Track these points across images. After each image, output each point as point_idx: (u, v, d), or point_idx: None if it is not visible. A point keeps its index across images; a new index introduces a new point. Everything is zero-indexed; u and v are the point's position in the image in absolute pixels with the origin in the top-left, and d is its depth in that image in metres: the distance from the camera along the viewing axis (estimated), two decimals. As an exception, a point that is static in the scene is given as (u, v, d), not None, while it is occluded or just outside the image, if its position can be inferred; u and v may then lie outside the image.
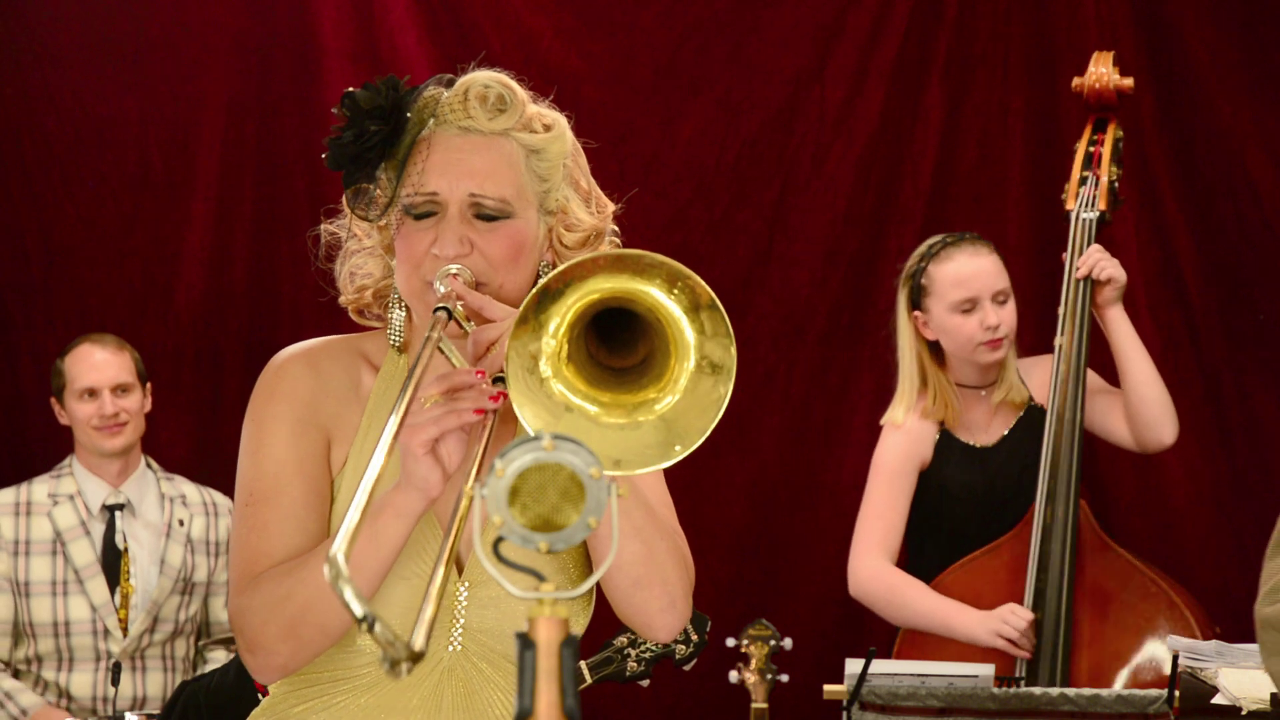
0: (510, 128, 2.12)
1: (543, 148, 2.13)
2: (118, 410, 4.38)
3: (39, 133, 4.87)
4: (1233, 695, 3.00)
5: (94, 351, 4.41)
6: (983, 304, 3.92)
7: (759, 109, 4.86)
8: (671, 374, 1.88)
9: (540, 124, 2.15)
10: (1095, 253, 3.91)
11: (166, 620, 4.37)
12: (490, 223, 2.10)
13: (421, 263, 2.10)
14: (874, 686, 3.26)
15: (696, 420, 1.85)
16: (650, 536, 2.07)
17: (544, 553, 1.49)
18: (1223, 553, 4.75)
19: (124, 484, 4.43)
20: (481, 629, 2.12)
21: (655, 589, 2.08)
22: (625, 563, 2.06)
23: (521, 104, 2.13)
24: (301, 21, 4.86)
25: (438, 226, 2.10)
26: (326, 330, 5.28)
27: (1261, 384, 4.79)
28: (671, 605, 2.10)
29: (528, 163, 2.13)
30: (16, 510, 4.37)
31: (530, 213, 2.13)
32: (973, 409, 4.02)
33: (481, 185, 2.10)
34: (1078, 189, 3.99)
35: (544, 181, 2.14)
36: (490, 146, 2.11)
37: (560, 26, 4.86)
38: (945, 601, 3.81)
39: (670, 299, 1.85)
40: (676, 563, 2.10)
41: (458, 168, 2.10)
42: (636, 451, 1.86)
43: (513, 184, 2.11)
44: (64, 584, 4.32)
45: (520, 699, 1.39)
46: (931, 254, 3.97)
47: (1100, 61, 4.05)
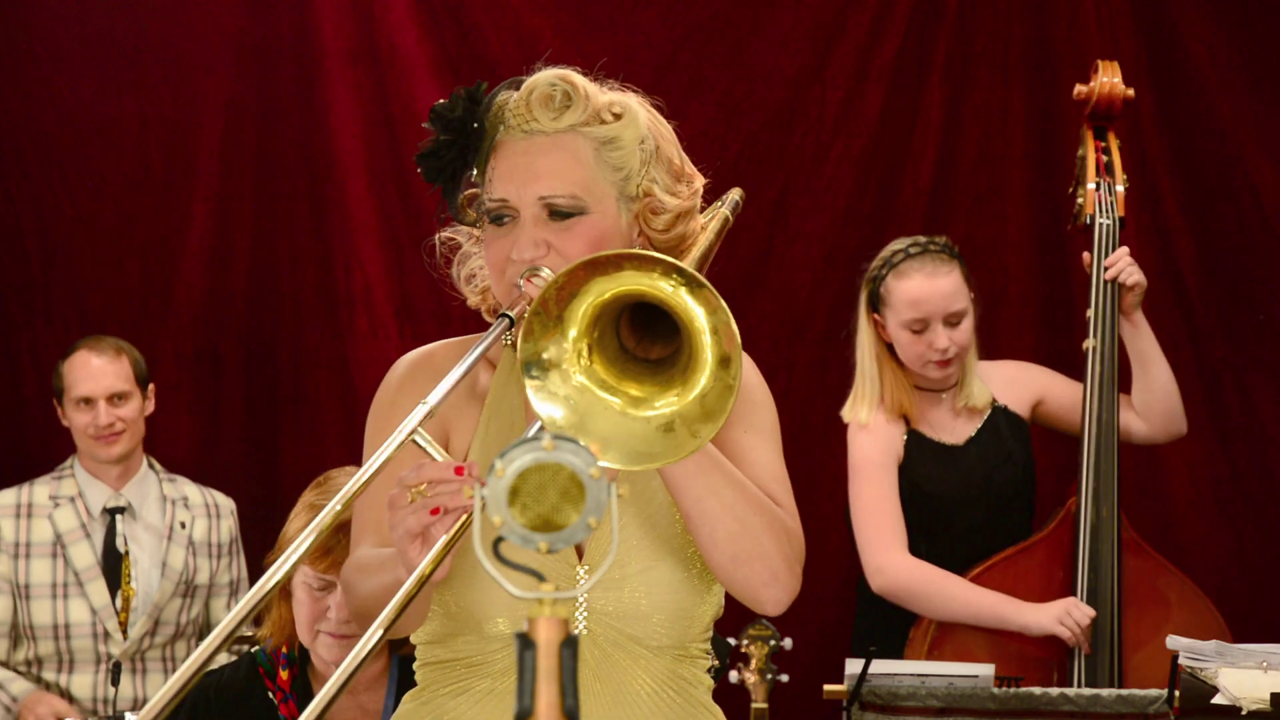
0: (576, 124, 2.14)
1: (615, 136, 2.16)
2: (113, 420, 4.36)
3: (39, 133, 4.87)
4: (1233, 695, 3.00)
5: (90, 359, 4.38)
6: (933, 326, 3.91)
7: (759, 109, 4.86)
8: (696, 365, 1.91)
9: (610, 113, 2.16)
10: (1124, 256, 3.91)
11: (168, 623, 4.37)
12: (565, 220, 2.12)
13: (505, 268, 2.13)
14: (874, 686, 3.26)
15: (714, 410, 1.89)
16: (743, 513, 2.09)
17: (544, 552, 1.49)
18: (1223, 553, 4.75)
19: (125, 487, 4.42)
20: (605, 611, 2.15)
21: (755, 564, 2.11)
22: (719, 540, 2.09)
23: (585, 98, 2.15)
24: (301, 21, 4.87)
25: (515, 231, 2.13)
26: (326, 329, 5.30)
27: (1261, 384, 4.80)
28: (775, 579, 2.12)
29: (599, 155, 2.14)
30: (17, 512, 4.36)
31: (607, 204, 2.15)
32: (934, 410, 4.02)
33: (550, 186, 2.12)
34: (1094, 196, 3.99)
35: (619, 170, 2.16)
36: (556, 146, 2.13)
37: (560, 26, 4.86)
38: (993, 593, 3.81)
39: (680, 290, 1.88)
40: (776, 536, 2.12)
41: (524, 172, 2.13)
42: (655, 443, 1.90)
43: (582, 179, 2.13)
44: (64, 586, 4.32)
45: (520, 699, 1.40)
46: (892, 264, 3.96)
47: (1107, 70, 4.05)
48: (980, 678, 3.31)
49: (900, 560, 3.88)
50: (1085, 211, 4.00)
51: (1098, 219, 3.98)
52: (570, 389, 1.91)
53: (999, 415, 4.03)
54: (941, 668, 3.37)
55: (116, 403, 4.37)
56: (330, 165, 4.87)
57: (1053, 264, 4.83)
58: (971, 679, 3.30)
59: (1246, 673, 3.04)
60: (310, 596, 2.99)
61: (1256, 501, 4.80)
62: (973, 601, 3.81)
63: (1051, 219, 4.85)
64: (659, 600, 2.16)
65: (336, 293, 4.88)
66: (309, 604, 3.00)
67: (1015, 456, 4.02)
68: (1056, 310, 4.81)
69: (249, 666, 3.12)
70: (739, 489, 2.10)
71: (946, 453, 3.99)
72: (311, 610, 2.99)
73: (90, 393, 4.35)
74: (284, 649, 3.09)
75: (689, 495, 2.08)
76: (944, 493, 3.97)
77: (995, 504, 3.98)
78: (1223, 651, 3.09)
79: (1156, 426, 4.01)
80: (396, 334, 4.85)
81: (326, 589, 2.98)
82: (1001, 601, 3.80)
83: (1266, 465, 4.79)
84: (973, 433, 4.01)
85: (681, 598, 2.17)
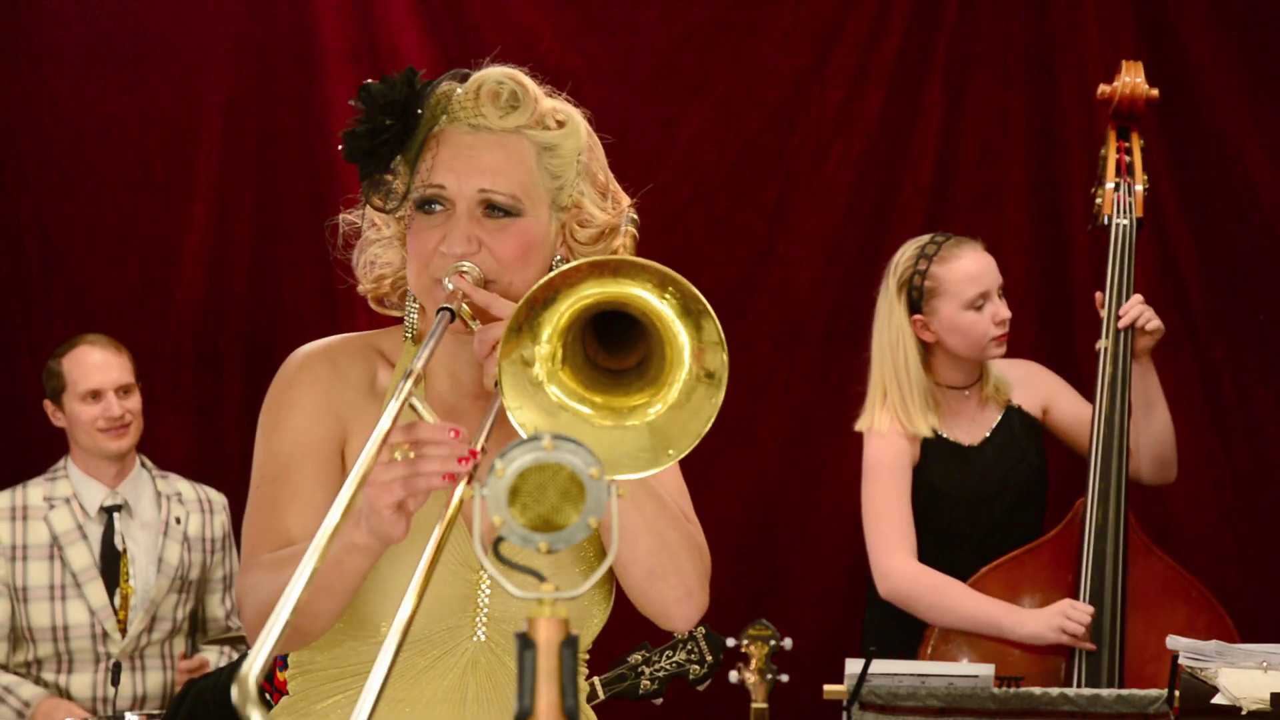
0: (522, 125, 2.12)
1: (556, 144, 2.13)
2: (124, 412, 4.36)
3: (39, 133, 4.87)
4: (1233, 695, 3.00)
5: (93, 353, 4.39)
6: (993, 298, 3.95)
7: (759, 109, 4.86)
8: (667, 377, 1.88)
9: (554, 120, 2.14)
10: (1137, 304, 3.90)
11: (164, 619, 4.37)
12: (499, 220, 2.10)
13: (430, 260, 2.10)
14: (874, 686, 3.26)
15: (689, 425, 1.86)
16: (663, 528, 2.08)
17: (544, 553, 1.49)
18: (1223, 553, 4.75)
19: (120, 485, 4.42)
20: (506, 618, 2.13)
21: (670, 580, 2.09)
22: (639, 555, 2.07)
23: (534, 101, 2.13)
24: (301, 21, 4.86)
25: (446, 224, 2.10)
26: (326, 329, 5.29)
27: (1261, 384, 4.80)
28: (688, 595, 2.11)
29: (540, 160, 2.12)
30: (13, 515, 4.35)
31: (541, 210, 2.12)
32: (958, 408, 4.03)
33: (492, 181, 2.09)
34: (1112, 196, 3.99)
35: (556, 179, 2.13)
36: (501, 144, 2.11)
37: (560, 26, 4.86)
38: (993, 602, 3.81)
39: (662, 303, 1.85)
40: (691, 553, 2.11)
41: (467, 164, 2.10)
42: (629, 454, 1.86)
43: (523, 181, 2.11)
44: (62, 588, 4.31)
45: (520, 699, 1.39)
46: (928, 256, 3.97)
47: (1130, 70, 4.04)
48: (980, 678, 3.31)
49: (904, 566, 3.88)
50: (1103, 211, 3.99)
51: (1115, 219, 3.97)
52: (541, 398, 1.87)
53: (1013, 415, 4.04)
54: (941, 668, 3.37)
55: (124, 395, 4.38)
56: (330, 165, 4.87)
57: (1053, 264, 4.83)
58: (971, 679, 3.30)
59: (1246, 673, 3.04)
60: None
61: (1256, 501, 4.80)
62: (969, 611, 3.81)
63: (1052, 219, 4.85)
64: None
65: (336, 293, 4.88)
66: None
67: (1029, 456, 4.02)
68: (1056, 310, 4.81)
69: None
70: (660, 504, 2.09)
71: (963, 453, 4.00)
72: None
73: (99, 385, 4.35)
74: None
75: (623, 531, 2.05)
76: (960, 493, 3.97)
77: (1010, 504, 3.98)
78: (1223, 651, 3.09)
79: (1145, 468, 4.00)
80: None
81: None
82: (1000, 611, 3.80)
83: (1266, 465, 4.79)
84: (988, 433, 4.02)
85: (579, 606, 2.14)
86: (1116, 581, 3.77)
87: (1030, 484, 4.02)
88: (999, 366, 4.07)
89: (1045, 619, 3.76)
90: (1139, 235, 3.97)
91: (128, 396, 4.39)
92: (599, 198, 2.18)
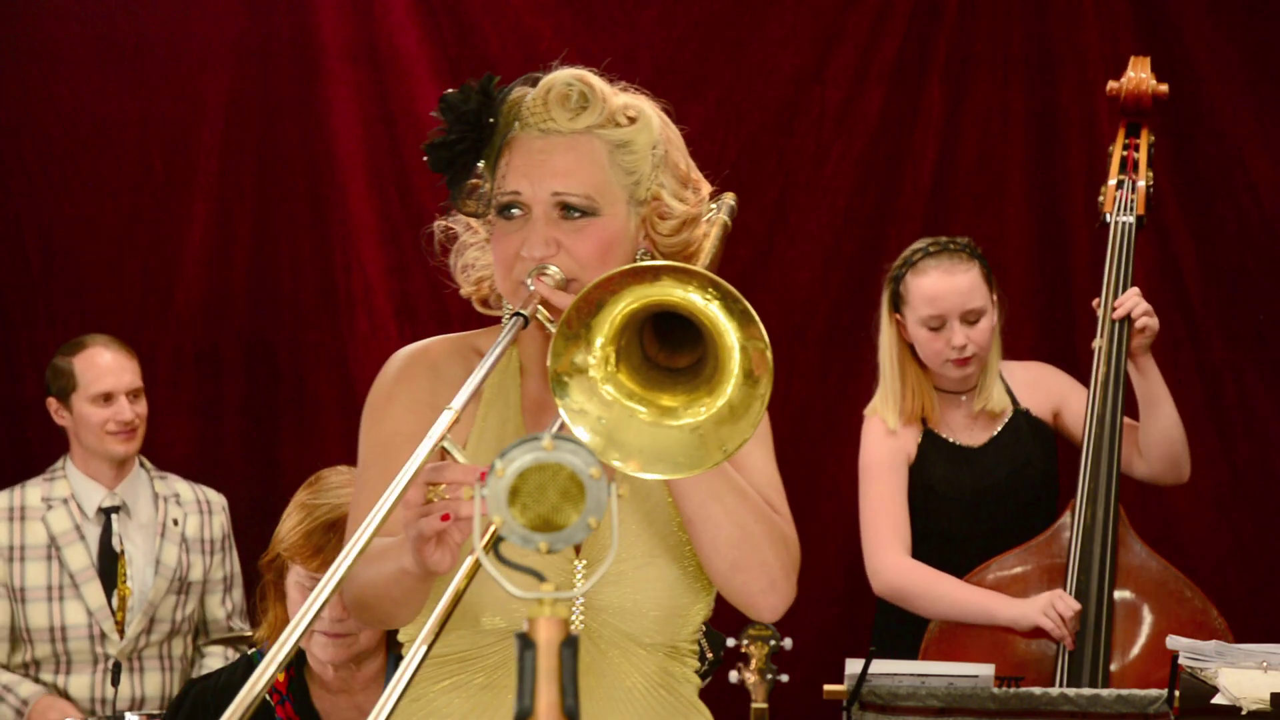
0: (592, 125, 2.14)
1: (628, 140, 2.16)
2: (134, 416, 4.36)
3: (39, 133, 4.87)
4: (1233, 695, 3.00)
5: (105, 354, 4.38)
6: (950, 324, 3.91)
7: (759, 109, 4.86)
8: (720, 375, 1.92)
9: (625, 116, 2.17)
10: (1134, 296, 3.88)
11: (163, 620, 4.37)
12: (576, 221, 2.12)
13: (513, 264, 2.14)
14: (874, 686, 3.26)
15: (739, 423, 1.90)
16: (744, 519, 2.10)
17: (544, 553, 1.49)
18: (1223, 553, 4.75)
19: (119, 486, 4.41)
20: (601, 607, 2.16)
21: (754, 571, 2.12)
22: (721, 547, 2.10)
23: (602, 100, 2.15)
24: (301, 21, 4.86)
25: (525, 228, 2.13)
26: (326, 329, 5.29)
27: (1261, 384, 4.80)
28: (772, 587, 2.13)
29: (613, 158, 2.15)
30: (10, 515, 4.35)
31: (618, 207, 2.15)
32: (953, 412, 4.02)
33: (565, 183, 2.12)
34: (1114, 193, 3.97)
35: (631, 174, 2.16)
36: (572, 146, 2.14)
37: (560, 26, 4.86)
38: (982, 591, 3.81)
39: (709, 304, 1.89)
40: (775, 544, 2.13)
41: (540, 169, 2.13)
42: (684, 452, 1.90)
43: (596, 181, 2.13)
44: (59, 589, 4.31)
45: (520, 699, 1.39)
46: (911, 262, 3.97)
47: (1137, 66, 4.03)
48: (980, 678, 3.31)
49: (895, 561, 3.88)
50: (1104, 209, 3.98)
51: (1116, 217, 3.96)
52: (597, 401, 1.91)
53: (1020, 419, 4.01)
54: (941, 668, 3.37)
55: (135, 399, 4.37)
56: (330, 165, 4.87)
57: (1053, 264, 4.83)
58: (971, 679, 3.30)
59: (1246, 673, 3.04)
60: (304, 596, 2.99)
61: (1256, 501, 4.80)
62: (961, 600, 3.82)
63: (1052, 219, 4.84)
64: (654, 597, 2.17)
65: (336, 293, 4.88)
66: (303, 604, 2.99)
67: (1035, 461, 4.00)
68: (1056, 310, 4.81)
69: (245, 669, 3.12)
70: (741, 496, 2.11)
71: (963, 455, 3.99)
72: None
73: (112, 388, 4.35)
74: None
75: (693, 500, 2.09)
76: (958, 495, 3.97)
77: (1016, 507, 3.97)
78: (1223, 651, 3.09)
79: (1156, 468, 3.98)
80: (396, 334, 4.85)
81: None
82: (989, 598, 3.80)
83: (1266, 465, 4.79)
84: (992, 436, 4.01)
85: (676, 595, 2.18)
86: (1104, 581, 3.77)
87: (1036, 488, 4.01)
88: (1007, 368, 4.06)
89: (1033, 604, 3.75)
90: (1140, 234, 3.96)
91: (138, 400, 4.39)
92: (679, 188, 2.22)
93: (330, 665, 3.04)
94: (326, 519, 3.00)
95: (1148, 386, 3.93)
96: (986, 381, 3.99)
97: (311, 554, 2.97)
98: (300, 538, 3.00)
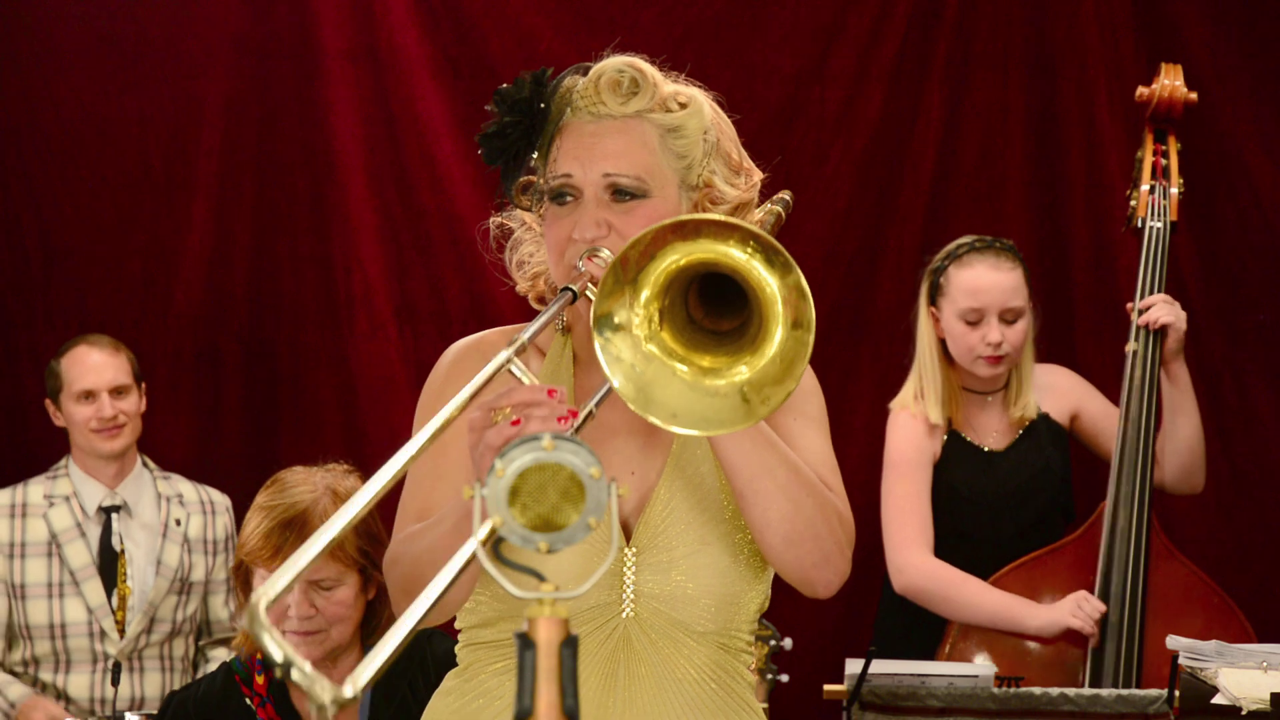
0: (643, 109, 2.18)
1: (679, 125, 2.19)
2: (116, 413, 4.36)
3: (39, 133, 4.87)
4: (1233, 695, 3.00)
5: (90, 353, 4.39)
6: (989, 319, 3.91)
7: (759, 109, 4.86)
8: (763, 334, 1.93)
9: (676, 102, 2.20)
10: (1160, 302, 3.89)
11: (164, 621, 4.37)
12: (627, 203, 2.15)
13: (566, 248, 2.16)
14: (874, 686, 3.26)
15: (783, 379, 1.91)
16: (796, 494, 2.11)
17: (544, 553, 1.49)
18: (1223, 553, 4.75)
19: (120, 485, 4.42)
20: (651, 594, 2.17)
21: (806, 545, 2.12)
22: (772, 521, 2.10)
23: (653, 85, 2.18)
24: (301, 21, 4.86)
25: (577, 212, 2.15)
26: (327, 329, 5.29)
27: (1261, 384, 4.79)
28: (826, 560, 2.14)
29: (664, 142, 2.18)
30: (12, 512, 4.36)
31: (669, 190, 2.18)
32: (978, 414, 4.02)
33: (615, 165, 2.15)
34: (1147, 199, 3.98)
35: (682, 159, 2.19)
36: (623, 129, 2.17)
37: (560, 26, 4.86)
38: (1009, 597, 3.81)
39: (750, 258, 1.90)
40: (829, 519, 2.14)
41: (591, 151, 2.15)
42: (726, 411, 1.91)
43: (648, 163, 2.16)
44: (60, 586, 4.31)
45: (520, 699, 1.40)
46: (956, 255, 3.97)
47: (1169, 74, 4.04)
48: (980, 678, 3.31)
49: (920, 561, 3.88)
50: (1137, 214, 3.99)
51: (1149, 222, 3.97)
52: (639, 355, 1.92)
53: (1040, 423, 4.01)
54: (941, 668, 3.37)
55: (118, 396, 4.38)
56: (330, 165, 4.87)
57: (1053, 264, 4.83)
58: (971, 679, 3.30)
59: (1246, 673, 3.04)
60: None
61: (1256, 501, 4.80)
62: (987, 605, 3.81)
63: (1052, 219, 4.84)
64: (706, 584, 2.18)
65: (336, 293, 4.88)
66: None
67: (1054, 464, 4.00)
68: (1057, 310, 4.80)
69: (225, 676, 3.11)
70: (793, 470, 2.12)
71: (985, 458, 3.99)
72: (273, 612, 2.98)
73: (93, 385, 4.36)
74: (258, 655, 3.08)
75: (743, 474, 2.10)
76: (980, 498, 3.96)
77: (1036, 511, 3.97)
78: (1223, 651, 3.09)
79: (1170, 476, 3.99)
80: (396, 334, 4.85)
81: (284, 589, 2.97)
82: (1015, 605, 3.79)
83: (1266, 465, 4.79)
84: (1014, 439, 4.00)
85: (729, 583, 2.19)
86: (1136, 585, 3.76)
87: (1055, 492, 4.00)
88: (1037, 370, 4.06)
89: (1060, 607, 3.75)
90: (1173, 239, 3.97)
91: (122, 397, 4.38)
92: (731, 175, 2.25)
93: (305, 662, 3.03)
94: (283, 518, 2.98)
95: (1176, 393, 3.92)
96: (1022, 388, 3.99)
97: (272, 554, 2.96)
98: (259, 540, 2.98)
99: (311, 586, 2.96)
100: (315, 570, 2.94)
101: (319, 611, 2.96)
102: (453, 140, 4.79)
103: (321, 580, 2.98)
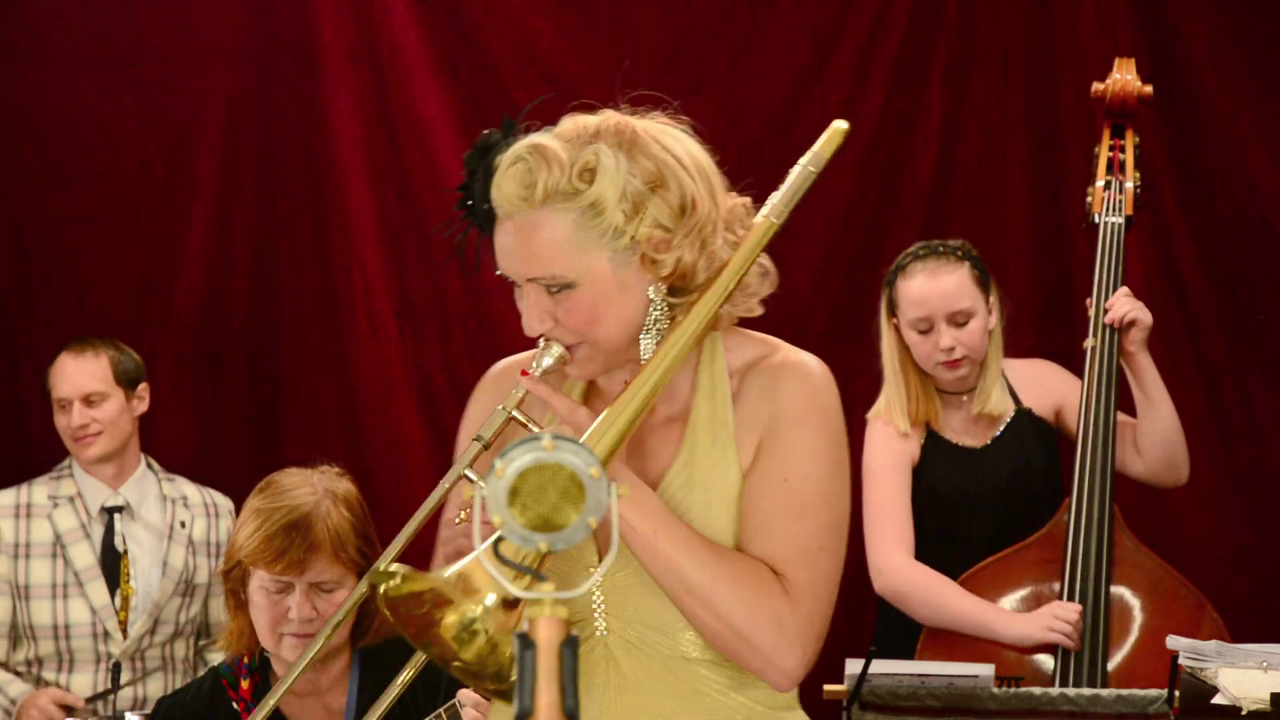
0: (549, 195, 2.09)
1: (592, 202, 2.09)
2: (87, 421, 4.35)
3: (39, 133, 4.87)
4: (1233, 695, 3.00)
5: (67, 362, 4.38)
6: (937, 326, 3.91)
7: (759, 109, 4.86)
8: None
9: (580, 179, 2.10)
10: (1123, 297, 3.88)
11: (167, 622, 4.37)
12: (559, 295, 2.12)
13: (532, 328, 2.16)
14: (874, 686, 3.26)
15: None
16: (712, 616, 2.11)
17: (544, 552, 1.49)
18: (1223, 553, 4.75)
19: (122, 486, 4.41)
20: (624, 611, 2.17)
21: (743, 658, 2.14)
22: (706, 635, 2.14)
23: (556, 165, 2.09)
24: (301, 21, 4.86)
25: (525, 300, 2.16)
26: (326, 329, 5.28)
27: (1261, 384, 4.79)
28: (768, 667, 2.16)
29: (580, 224, 2.09)
30: (16, 513, 4.36)
31: (598, 268, 2.11)
32: (955, 414, 4.02)
33: (532, 268, 2.11)
34: (1102, 194, 3.98)
35: (604, 234, 2.10)
36: (535, 226, 2.10)
37: (560, 26, 4.86)
38: (985, 604, 3.81)
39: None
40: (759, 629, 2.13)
41: (511, 255, 2.13)
42: None
43: (564, 256, 2.10)
44: (64, 587, 4.31)
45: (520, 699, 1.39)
46: (901, 266, 3.98)
47: (1122, 68, 4.04)
48: (980, 678, 3.31)
49: (899, 563, 3.88)
50: (1093, 210, 3.99)
51: (1104, 218, 3.97)
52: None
53: (1023, 418, 4.01)
54: (941, 668, 3.37)
55: (91, 404, 4.36)
56: (330, 165, 4.87)
57: (1053, 264, 4.83)
58: (971, 679, 3.30)
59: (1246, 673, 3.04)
60: (269, 600, 2.98)
61: (1256, 501, 4.80)
62: (962, 611, 3.81)
63: (1052, 219, 4.84)
64: None
65: (336, 293, 4.88)
66: (269, 608, 2.98)
67: (1036, 460, 3.99)
68: (1056, 310, 4.81)
69: (212, 681, 3.11)
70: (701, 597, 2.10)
71: (965, 456, 3.99)
72: (272, 614, 2.98)
73: (66, 394, 4.35)
74: (245, 659, 3.08)
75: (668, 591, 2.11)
76: (961, 496, 3.96)
77: (1017, 509, 3.96)
78: (1223, 651, 3.09)
79: (1153, 468, 3.98)
80: (396, 334, 4.85)
81: (285, 591, 2.97)
82: (991, 613, 3.80)
83: (1266, 465, 4.79)
84: (994, 436, 4.00)
85: None
86: (1100, 579, 3.77)
87: (1038, 487, 4.00)
88: (1011, 366, 4.06)
89: (1034, 621, 3.75)
90: (1130, 234, 3.97)
91: (94, 406, 4.36)
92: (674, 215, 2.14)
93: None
94: (286, 521, 2.98)
95: (1143, 386, 3.92)
96: (986, 384, 3.98)
97: (274, 558, 2.96)
98: (261, 543, 2.98)
99: (313, 588, 2.97)
100: (319, 572, 2.95)
101: (320, 614, 2.96)
102: (453, 140, 4.79)
103: (323, 582, 2.98)
